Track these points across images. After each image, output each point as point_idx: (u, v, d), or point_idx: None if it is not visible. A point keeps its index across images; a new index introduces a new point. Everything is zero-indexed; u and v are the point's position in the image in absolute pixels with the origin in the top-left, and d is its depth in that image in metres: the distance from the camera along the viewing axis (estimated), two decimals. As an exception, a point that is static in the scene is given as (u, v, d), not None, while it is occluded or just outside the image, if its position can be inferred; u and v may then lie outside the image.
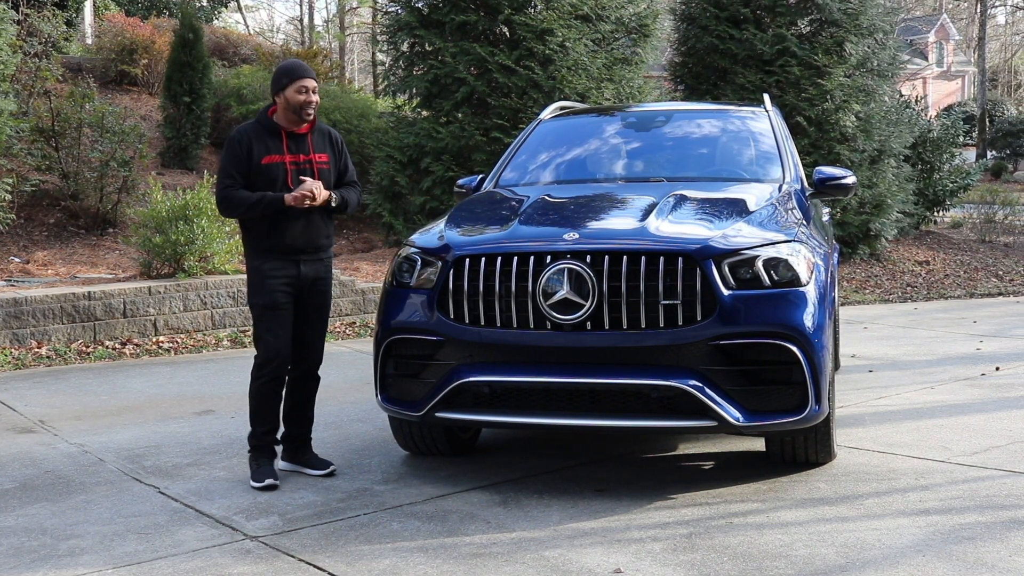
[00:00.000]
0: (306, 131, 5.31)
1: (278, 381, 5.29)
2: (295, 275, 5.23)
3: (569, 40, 13.07)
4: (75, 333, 8.97)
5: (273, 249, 5.21)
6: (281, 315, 5.23)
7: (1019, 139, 39.40)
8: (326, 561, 4.10)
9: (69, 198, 12.44)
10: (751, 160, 6.35)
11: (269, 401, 5.28)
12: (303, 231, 5.23)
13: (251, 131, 5.25)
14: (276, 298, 5.20)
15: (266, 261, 5.22)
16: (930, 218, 18.43)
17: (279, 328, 5.23)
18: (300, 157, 5.26)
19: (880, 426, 6.18)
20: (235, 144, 5.20)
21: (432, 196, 13.07)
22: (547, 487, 5.04)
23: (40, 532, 4.51)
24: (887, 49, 15.65)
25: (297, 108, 5.20)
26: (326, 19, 48.92)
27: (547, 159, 6.62)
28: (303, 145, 5.29)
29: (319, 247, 5.32)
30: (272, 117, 5.28)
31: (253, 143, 5.19)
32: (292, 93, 5.19)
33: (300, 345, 5.36)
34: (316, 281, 5.33)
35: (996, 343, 9.38)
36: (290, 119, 5.24)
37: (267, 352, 5.23)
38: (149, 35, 17.05)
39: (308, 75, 5.25)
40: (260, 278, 5.23)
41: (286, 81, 5.21)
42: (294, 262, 5.23)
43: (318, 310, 5.39)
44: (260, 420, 5.30)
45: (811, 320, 4.67)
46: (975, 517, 4.45)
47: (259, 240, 5.24)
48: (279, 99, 5.23)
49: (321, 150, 5.35)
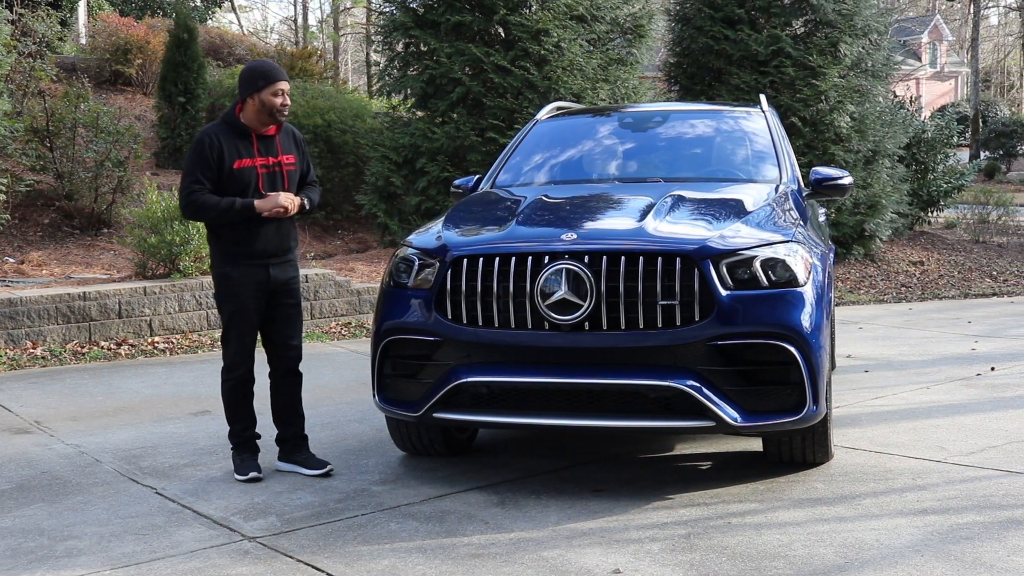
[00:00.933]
0: (274, 132, 5.27)
1: (247, 382, 5.36)
2: (265, 279, 5.24)
3: (564, 40, 13.07)
4: (70, 334, 8.95)
5: (243, 254, 5.20)
6: (249, 320, 5.27)
7: (1012, 140, 39.48)
8: (324, 562, 4.10)
9: (64, 198, 12.42)
10: (748, 160, 6.36)
11: (240, 401, 5.36)
12: (274, 235, 5.25)
13: (220, 133, 5.18)
14: (245, 304, 5.23)
15: (236, 267, 5.22)
16: (924, 218, 18.45)
17: (247, 333, 5.29)
18: (270, 160, 5.23)
19: (876, 426, 6.19)
20: (205, 147, 5.12)
21: (427, 196, 13.06)
22: (545, 487, 5.04)
23: (37, 533, 4.50)
24: (881, 50, 15.66)
25: (273, 111, 5.16)
26: (320, 19, 48.84)
27: (544, 159, 6.62)
28: (272, 147, 5.25)
29: (287, 249, 5.35)
30: (240, 118, 5.22)
31: (224, 146, 5.13)
32: (268, 96, 5.14)
33: (280, 345, 5.39)
34: (287, 282, 5.35)
35: (991, 343, 9.40)
36: (262, 121, 5.19)
37: (235, 356, 5.30)
38: (143, 35, 17.02)
39: (283, 78, 5.22)
40: (230, 284, 5.24)
41: (262, 84, 5.14)
42: (263, 266, 5.24)
43: (293, 309, 5.40)
44: (235, 419, 5.38)
45: (809, 320, 4.68)
46: (973, 517, 4.46)
47: (229, 245, 5.23)
48: (251, 101, 5.16)
49: (288, 151, 5.33)
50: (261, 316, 5.33)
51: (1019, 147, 40.12)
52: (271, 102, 5.15)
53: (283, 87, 5.19)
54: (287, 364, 5.42)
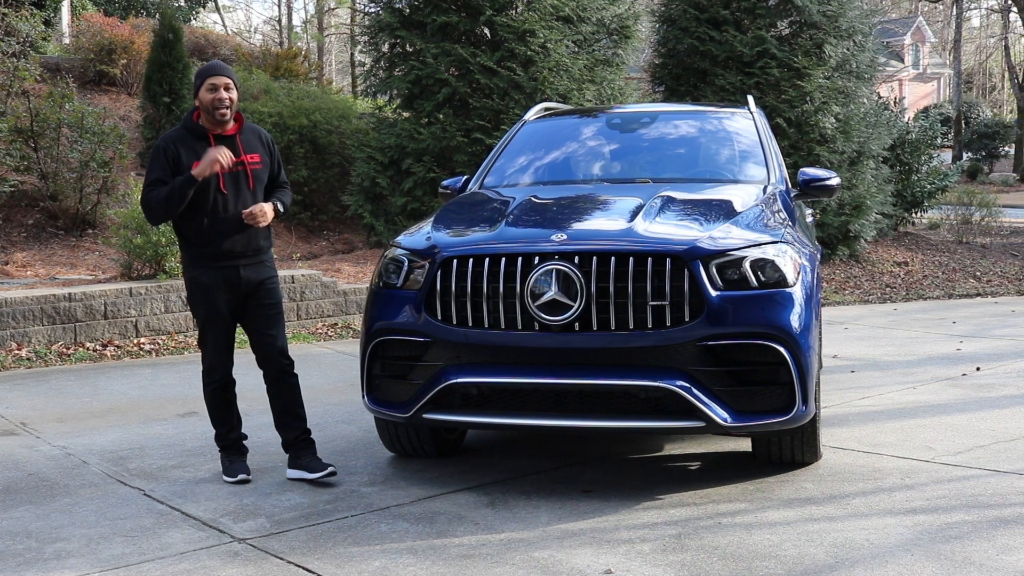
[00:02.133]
0: (233, 132, 5.19)
1: (227, 385, 5.33)
2: (235, 282, 5.16)
3: (551, 41, 13.08)
4: (55, 335, 8.90)
5: (210, 256, 5.12)
6: (222, 324, 5.22)
7: (994, 141, 39.76)
8: (315, 563, 4.09)
9: (48, 199, 12.36)
10: (736, 161, 6.37)
11: (221, 404, 5.33)
12: (241, 235, 5.14)
13: (177, 137, 5.14)
14: (217, 307, 5.17)
15: (205, 270, 5.15)
16: (908, 219, 18.52)
17: (221, 336, 5.24)
18: (231, 160, 5.11)
19: (864, 426, 6.21)
20: (160, 153, 5.09)
21: (413, 197, 13.05)
22: (534, 488, 5.04)
23: (25, 535, 4.47)
24: (866, 51, 15.73)
25: (208, 108, 5.08)
26: (304, 19, 48.71)
27: (533, 160, 6.62)
28: (233, 147, 5.15)
29: (258, 249, 5.24)
30: (197, 121, 5.17)
31: (180, 150, 5.08)
32: (203, 93, 5.08)
33: (264, 347, 5.30)
34: (261, 283, 5.25)
35: (976, 343, 9.44)
36: (211, 121, 5.12)
37: (212, 360, 5.27)
38: (128, 35, 16.92)
39: (217, 72, 5.11)
40: (199, 288, 5.18)
41: (198, 82, 5.10)
42: (233, 268, 5.15)
43: (271, 310, 5.30)
44: (219, 422, 5.36)
45: (798, 321, 4.69)
46: (962, 516, 4.48)
47: (196, 248, 5.16)
48: (197, 101, 5.13)
49: (253, 150, 5.24)
50: (236, 318, 5.27)
51: (1001, 148, 40.41)
52: (205, 98, 5.07)
53: (216, 82, 5.07)
54: (276, 367, 5.31)
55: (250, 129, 5.31)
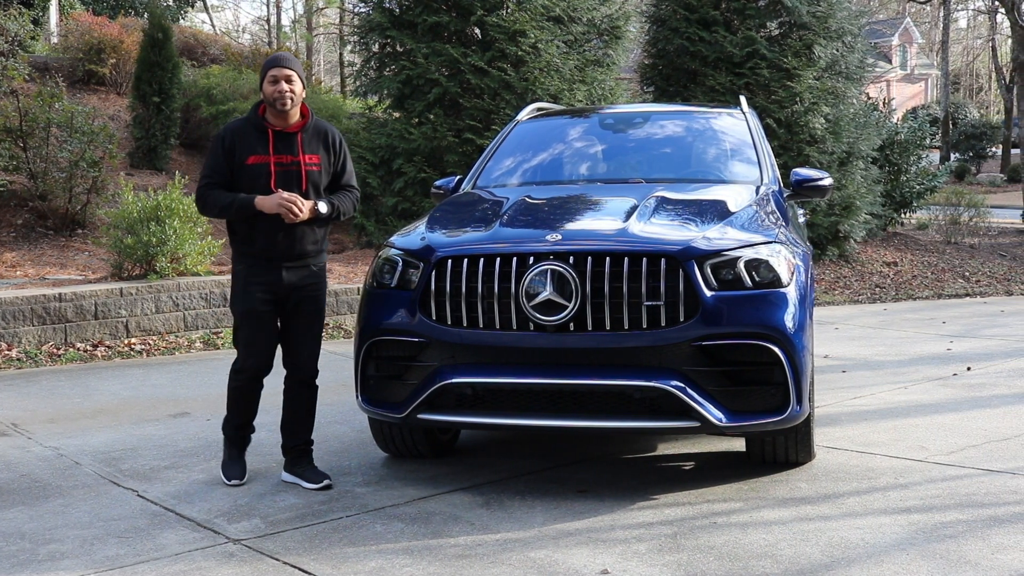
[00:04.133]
0: (296, 129, 5.06)
1: (255, 384, 5.21)
2: (277, 282, 5.05)
3: (541, 41, 13.08)
4: (46, 335, 8.87)
5: (254, 255, 5.05)
6: (260, 323, 5.09)
7: (981, 142, 39.93)
8: (311, 564, 4.08)
9: (37, 199, 12.30)
10: (729, 162, 6.38)
11: (243, 398, 5.22)
12: (285, 238, 5.01)
13: (237, 129, 5.06)
14: (255, 305, 5.06)
15: (247, 266, 5.08)
16: (897, 220, 18.60)
17: (258, 335, 5.11)
18: (286, 158, 5.01)
19: (856, 425, 6.23)
20: (217, 142, 5.05)
21: (404, 197, 13.04)
22: (529, 488, 5.04)
23: (18, 537, 4.45)
24: (855, 52, 15.78)
25: (271, 100, 4.98)
26: (293, 19, 48.62)
27: (526, 160, 6.61)
28: (291, 145, 5.04)
29: (304, 254, 5.09)
30: (262, 115, 5.07)
31: (237, 142, 5.00)
32: (266, 85, 4.99)
33: (292, 354, 5.20)
34: (303, 288, 5.11)
35: (966, 343, 9.48)
36: (275, 115, 5.02)
37: (244, 359, 5.14)
38: (117, 34, 16.87)
39: (280, 64, 5.00)
40: (240, 284, 5.12)
41: (263, 74, 5.01)
42: (276, 268, 5.05)
43: (308, 317, 5.18)
44: (233, 413, 5.26)
45: (792, 321, 4.69)
46: (956, 515, 4.49)
47: (241, 244, 5.11)
48: (262, 95, 5.04)
49: (313, 151, 5.08)
50: (275, 319, 5.15)
51: (989, 149, 40.57)
52: (267, 90, 4.98)
53: (278, 74, 4.95)
54: (300, 374, 5.20)
55: (315, 127, 5.15)
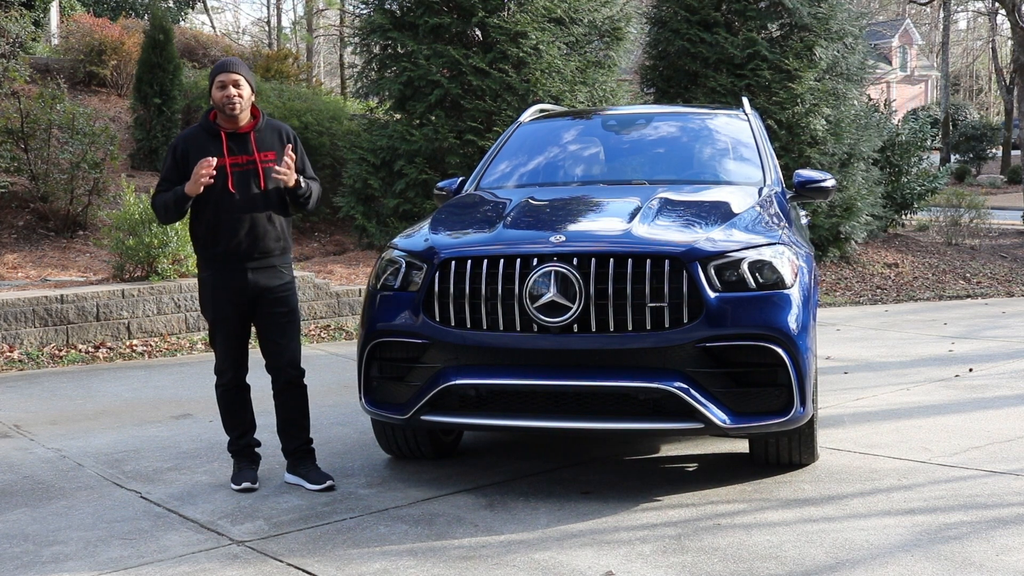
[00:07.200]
0: (248, 130, 5.07)
1: (238, 388, 5.23)
2: (243, 285, 5.03)
3: (543, 43, 13.08)
4: (47, 336, 8.87)
5: (215, 257, 5.05)
6: (229, 327, 5.11)
7: (981, 143, 39.90)
8: (315, 565, 4.07)
9: (39, 200, 12.31)
10: (732, 163, 6.37)
11: (232, 408, 5.23)
12: (247, 235, 5.01)
13: (190, 136, 5.08)
14: (223, 311, 5.07)
15: (212, 272, 5.08)
16: (898, 221, 18.59)
17: (229, 340, 5.14)
18: (242, 158, 5.02)
19: (859, 427, 6.23)
20: (171, 151, 5.07)
21: (406, 199, 13.03)
22: (533, 490, 5.04)
23: (22, 538, 4.45)
24: (856, 53, 15.76)
25: (220, 105, 5.00)
26: (293, 21, 48.60)
27: (528, 162, 6.61)
28: (245, 145, 5.04)
29: (267, 251, 5.08)
30: (214, 120, 5.09)
31: (190, 148, 5.01)
32: (215, 91, 5.01)
33: (273, 356, 5.19)
34: (271, 290, 5.10)
35: (967, 344, 9.47)
36: (225, 119, 5.04)
37: (221, 362, 5.18)
38: (118, 36, 16.88)
39: (227, 69, 5.01)
40: (206, 290, 5.13)
41: (211, 80, 5.04)
42: (241, 271, 5.03)
43: (282, 318, 5.15)
44: (230, 427, 5.26)
45: (796, 322, 4.69)
46: (960, 517, 4.49)
47: (204, 248, 5.10)
48: (212, 99, 5.06)
49: (268, 148, 5.10)
50: (247, 322, 5.17)
51: (989, 150, 40.55)
52: (216, 96, 4.99)
53: (225, 79, 4.96)
54: (284, 376, 5.18)
55: (269, 126, 5.17)
